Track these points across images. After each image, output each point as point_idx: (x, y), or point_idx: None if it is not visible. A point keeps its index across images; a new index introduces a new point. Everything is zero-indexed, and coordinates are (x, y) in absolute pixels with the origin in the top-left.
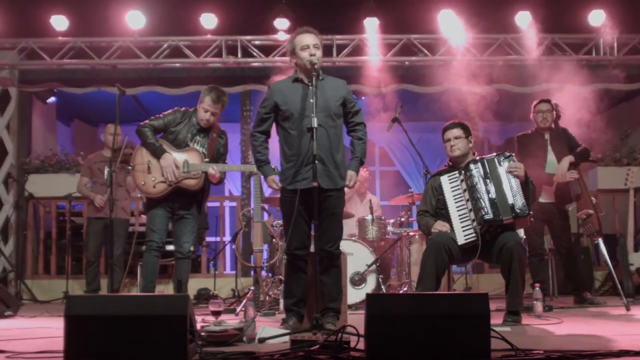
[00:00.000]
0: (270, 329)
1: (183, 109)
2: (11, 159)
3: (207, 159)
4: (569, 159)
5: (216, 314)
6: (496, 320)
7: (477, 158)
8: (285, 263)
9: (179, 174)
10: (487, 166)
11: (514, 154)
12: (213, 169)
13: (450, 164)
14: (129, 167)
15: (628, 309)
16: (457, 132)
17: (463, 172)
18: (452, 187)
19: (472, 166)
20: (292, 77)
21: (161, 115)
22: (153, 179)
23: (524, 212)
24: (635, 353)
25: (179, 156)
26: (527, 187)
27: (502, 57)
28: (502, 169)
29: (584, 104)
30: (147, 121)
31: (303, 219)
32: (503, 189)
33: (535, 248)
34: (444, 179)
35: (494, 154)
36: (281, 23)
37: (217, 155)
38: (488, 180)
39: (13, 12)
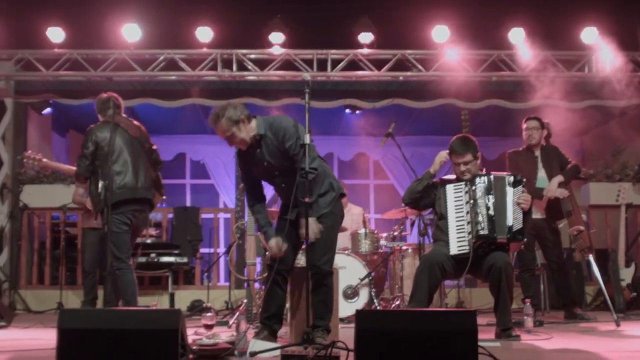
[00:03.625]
0: (262, 343)
1: None
2: (6, 169)
3: None
4: (558, 179)
5: (208, 327)
6: (487, 335)
7: (485, 173)
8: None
9: None
10: (492, 183)
11: (524, 180)
12: None
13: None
14: None
15: (618, 325)
16: (467, 157)
17: (469, 184)
18: (455, 197)
19: (477, 180)
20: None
21: None
22: None
23: (519, 238)
24: None
25: None
26: (529, 217)
27: (496, 73)
28: (510, 190)
29: (577, 120)
30: None
31: (290, 239)
32: (505, 209)
33: (526, 263)
34: (449, 188)
35: (505, 173)
36: (276, 37)
37: None
38: (491, 197)
39: (10, 23)
